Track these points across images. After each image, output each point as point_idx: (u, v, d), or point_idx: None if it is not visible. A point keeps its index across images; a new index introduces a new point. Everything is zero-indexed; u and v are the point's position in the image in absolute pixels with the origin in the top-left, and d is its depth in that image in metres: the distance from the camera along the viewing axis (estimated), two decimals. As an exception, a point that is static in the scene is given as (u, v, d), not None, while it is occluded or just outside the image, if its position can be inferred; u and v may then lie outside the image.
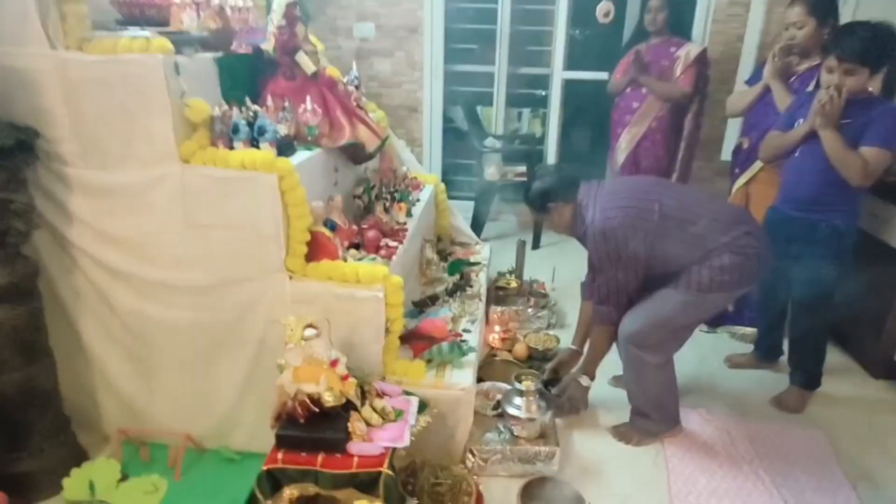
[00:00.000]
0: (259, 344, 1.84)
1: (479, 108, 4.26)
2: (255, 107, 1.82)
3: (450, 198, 3.11)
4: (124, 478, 1.87)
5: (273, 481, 1.53)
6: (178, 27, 1.74)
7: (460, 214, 3.10)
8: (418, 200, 2.62)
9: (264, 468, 1.53)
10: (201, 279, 1.80)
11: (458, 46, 4.17)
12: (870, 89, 2.04)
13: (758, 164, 2.50)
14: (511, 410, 1.95)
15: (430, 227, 2.87)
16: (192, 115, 1.67)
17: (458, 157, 4.42)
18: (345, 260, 1.88)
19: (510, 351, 2.57)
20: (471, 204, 3.90)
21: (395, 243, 2.11)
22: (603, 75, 3.41)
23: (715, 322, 2.80)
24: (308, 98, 2.01)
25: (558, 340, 2.65)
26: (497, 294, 2.92)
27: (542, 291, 2.92)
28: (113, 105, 1.63)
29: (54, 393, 1.85)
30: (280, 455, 1.54)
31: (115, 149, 1.69)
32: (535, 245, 3.91)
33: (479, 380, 2.19)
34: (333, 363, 1.59)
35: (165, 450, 1.97)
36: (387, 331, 1.86)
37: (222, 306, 1.83)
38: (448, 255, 2.83)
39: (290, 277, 1.80)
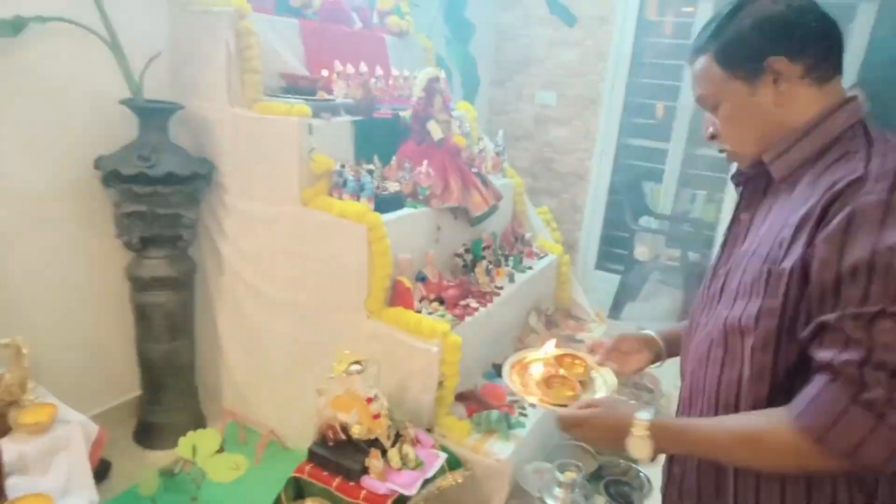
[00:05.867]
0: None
1: (649, 185, 4.13)
2: (370, 166, 2.12)
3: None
4: (221, 450, 2.27)
5: (298, 489, 1.75)
6: (323, 97, 2.14)
7: (581, 288, 3.05)
8: (529, 268, 2.68)
9: (293, 475, 1.75)
10: (303, 300, 2.13)
11: (635, 120, 4.12)
12: None
13: None
14: (549, 501, 1.89)
15: (546, 297, 2.90)
16: (315, 167, 2.02)
17: (620, 229, 4.32)
18: (419, 311, 2.06)
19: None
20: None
21: (477, 305, 2.22)
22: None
23: None
24: (425, 162, 2.25)
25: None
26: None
27: (651, 386, 2.72)
28: (262, 153, 2.07)
29: (188, 366, 2.34)
30: (308, 468, 1.75)
31: (259, 186, 2.12)
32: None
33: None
34: (369, 400, 1.76)
35: (258, 437, 2.34)
36: (440, 385, 1.97)
37: (316, 327, 2.14)
38: (556, 327, 2.82)
39: (368, 316, 2.03)
